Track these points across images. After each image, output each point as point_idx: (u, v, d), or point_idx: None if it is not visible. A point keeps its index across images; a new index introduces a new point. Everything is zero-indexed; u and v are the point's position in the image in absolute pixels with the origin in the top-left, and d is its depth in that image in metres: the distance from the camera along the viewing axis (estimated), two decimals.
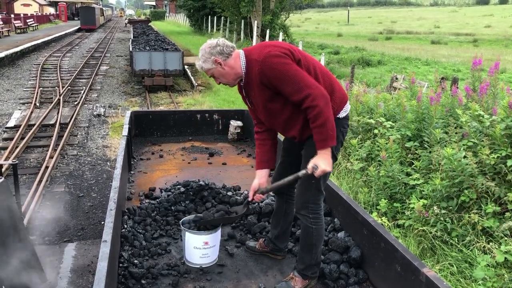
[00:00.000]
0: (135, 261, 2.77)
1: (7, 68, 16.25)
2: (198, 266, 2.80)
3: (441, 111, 4.90)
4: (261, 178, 2.68)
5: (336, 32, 44.89)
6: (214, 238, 2.81)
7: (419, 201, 4.00)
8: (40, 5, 54.06)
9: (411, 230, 4.01)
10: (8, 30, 27.74)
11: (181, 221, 2.93)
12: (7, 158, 6.70)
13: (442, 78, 7.53)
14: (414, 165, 4.58)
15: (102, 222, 4.76)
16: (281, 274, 2.78)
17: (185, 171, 4.55)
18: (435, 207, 3.84)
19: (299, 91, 2.29)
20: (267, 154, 2.71)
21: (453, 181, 3.92)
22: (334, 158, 2.50)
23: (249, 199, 2.71)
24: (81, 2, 60.91)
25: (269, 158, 2.71)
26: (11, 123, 8.92)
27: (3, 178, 2.42)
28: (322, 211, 2.61)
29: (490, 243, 3.45)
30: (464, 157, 3.88)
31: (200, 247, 2.77)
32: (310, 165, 2.36)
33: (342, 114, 2.52)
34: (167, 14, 70.47)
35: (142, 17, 65.24)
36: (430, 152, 4.51)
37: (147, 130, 5.61)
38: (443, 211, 3.83)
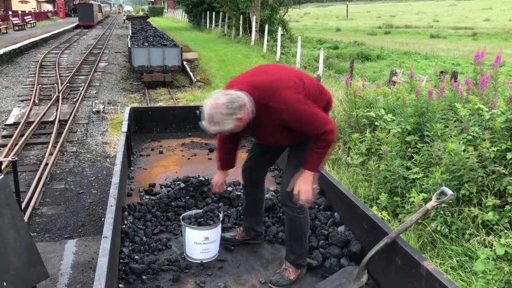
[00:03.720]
0: (136, 257, 2.78)
1: (6, 65, 16.21)
2: (199, 262, 2.81)
3: (442, 105, 4.89)
4: (222, 175, 2.92)
5: (335, 26, 44.78)
6: (214, 233, 2.81)
7: (419, 195, 4.00)
8: (38, 1, 53.85)
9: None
10: (6, 27, 27.64)
11: (181, 217, 2.93)
12: (6, 155, 6.69)
13: (442, 72, 7.52)
14: (414, 159, 4.58)
15: (103, 219, 4.76)
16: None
17: (185, 167, 4.54)
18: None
19: (317, 130, 2.37)
20: (232, 159, 2.89)
21: (453, 174, 3.92)
22: None
23: (212, 190, 3.00)
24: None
25: (232, 162, 2.91)
26: (10, 120, 8.91)
27: (2, 175, 2.41)
28: None
29: (490, 236, 3.46)
30: (464, 150, 3.87)
31: (200, 242, 2.77)
32: (292, 186, 2.49)
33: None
34: (166, 10, 70.28)
35: (141, 13, 65.00)
36: (430, 146, 4.51)
37: (146, 126, 5.60)
38: (443, 205, 3.83)
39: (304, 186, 2.43)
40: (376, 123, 5.23)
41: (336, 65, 18.89)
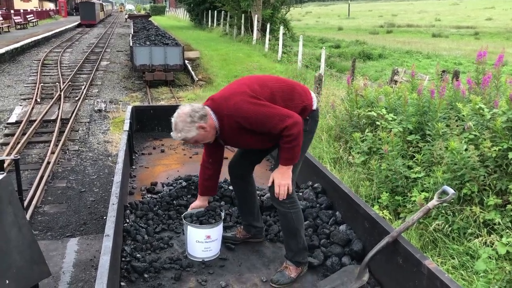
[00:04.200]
0: (138, 255, 2.79)
1: (8, 64, 16.23)
2: (201, 260, 2.81)
3: (443, 104, 4.88)
4: (202, 201, 2.97)
5: (336, 25, 44.72)
6: (216, 232, 2.82)
7: (420, 194, 4.00)
8: (40, 0, 53.92)
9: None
10: (8, 26, 27.69)
11: (183, 215, 2.93)
12: (9, 154, 6.71)
13: (443, 71, 7.51)
14: (415, 158, 4.58)
15: (104, 217, 4.77)
16: None
17: (187, 165, 4.55)
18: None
19: (276, 127, 2.42)
20: (213, 186, 2.96)
21: (455, 174, 3.93)
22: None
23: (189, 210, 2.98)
24: None
25: (213, 188, 2.98)
26: (12, 119, 8.93)
27: (5, 174, 2.42)
28: (295, 195, 2.74)
29: (492, 236, 3.46)
30: (466, 150, 3.87)
31: (202, 241, 2.77)
32: (271, 180, 2.59)
33: (314, 106, 2.68)
34: (167, 9, 70.29)
35: (142, 12, 65.04)
36: (432, 145, 4.51)
37: (148, 125, 5.61)
38: (444, 204, 3.83)
39: (281, 181, 2.54)
40: (378, 123, 5.23)
41: (338, 64, 18.89)
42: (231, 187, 3.76)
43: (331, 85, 10.12)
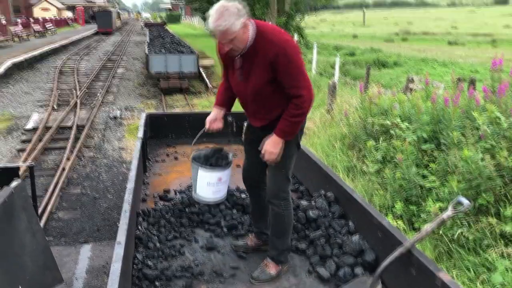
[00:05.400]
0: (149, 263, 2.79)
1: (26, 71, 16.54)
2: (210, 202, 2.90)
3: (458, 113, 4.82)
4: (218, 114, 2.86)
5: (351, 33, 44.63)
6: (227, 174, 2.89)
7: (435, 203, 3.94)
8: (59, 9, 54.95)
9: None
10: (28, 35, 28.24)
11: (191, 157, 2.95)
12: (25, 160, 6.81)
13: (459, 79, 7.42)
14: (430, 167, 4.52)
15: (118, 223, 4.80)
16: (295, 277, 2.78)
17: None
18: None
19: (298, 88, 2.41)
20: (228, 100, 2.86)
21: (470, 183, 3.86)
22: (298, 146, 2.70)
23: (206, 127, 2.90)
24: (98, 6, 61.69)
25: (229, 103, 2.89)
26: (29, 125, 9.08)
27: (20, 180, 2.45)
28: (290, 197, 2.77)
29: (509, 247, 3.39)
30: (482, 159, 3.81)
31: (214, 183, 2.83)
32: (262, 145, 2.58)
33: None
34: (183, 17, 71.00)
35: (158, 20, 65.79)
36: (447, 154, 4.45)
37: (162, 132, 5.64)
38: (459, 214, 3.77)
39: (270, 148, 2.54)
40: (392, 132, 5.19)
41: (352, 72, 18.81)
42: (243, 196, 3.76)
43: (345, 93, 10.08)
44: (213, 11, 2.34)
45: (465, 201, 2.33)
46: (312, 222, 3.27)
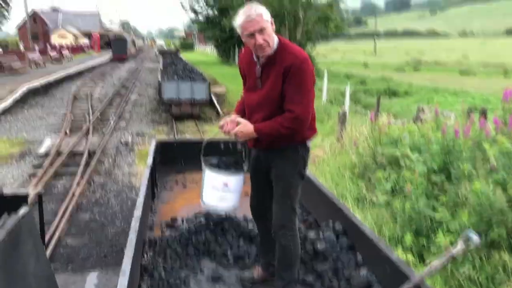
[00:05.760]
0: None
1: (42, 97, 16.85)
2: (214, 208, 2.84)
3: (468, 144, 4.78)
4: (236, 117, 2.83)
5: (362, 62, 44.92)
6: (234, 181, 2.79)
7: (445, 236, 3.87)
8: (75, 36, 56.38)
9: None
10: (44, 62, 28.90)
11: (203, 157, 2.93)
12: (36, 185, 6.86)
13: (470, 110, 7.40)
14: (440, 199, 4.46)
15: (124, 250, 4.78)
16: None
17: None
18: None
19: (297, 105, 2.45)
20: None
21: (481, 216, 3.79)
22: (302, 176, 2.67)
23: (220, 123, 2.87)
24: (114, 33, 63.15)
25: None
26: (42, 150, 9.19)
27: (28, 209, 2.47)
28: (297, 228, 2.73)
29: None
30: (493, 192, 3.75)
31: (219, 189, 2.76)
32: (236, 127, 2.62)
33: (308, 143, 2.66)
34: (196, 45, 72.27)
35: (172, 47, 67.08)
36: (458, 187, 4.39)
37: (171, 159, 5.66)
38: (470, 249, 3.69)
39: (243, 130, 2.60)
40: (402, 163, 5.15)
41: (363, 101, 18.83)
42: (249, 226, 3.73)
43: (355, 122, 10.08)
44: (243, 10, 2.48)
45: (474, 237, 2.29)
46: (320, 254, 3.22)
